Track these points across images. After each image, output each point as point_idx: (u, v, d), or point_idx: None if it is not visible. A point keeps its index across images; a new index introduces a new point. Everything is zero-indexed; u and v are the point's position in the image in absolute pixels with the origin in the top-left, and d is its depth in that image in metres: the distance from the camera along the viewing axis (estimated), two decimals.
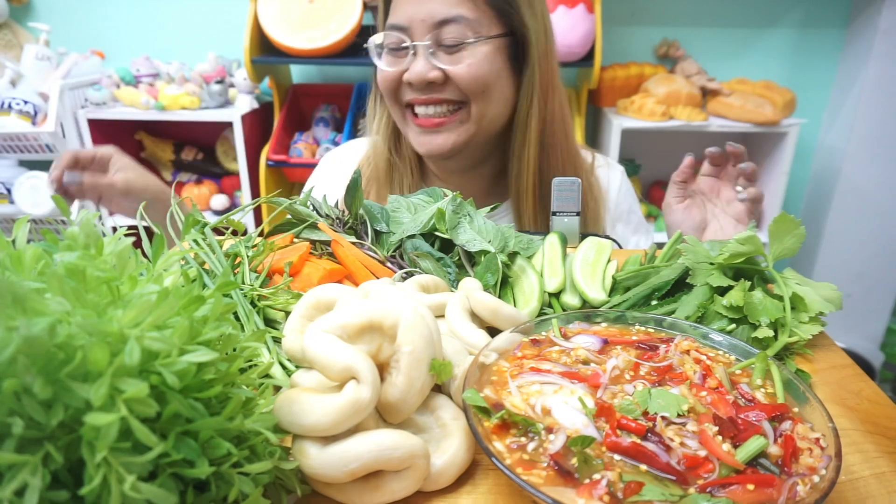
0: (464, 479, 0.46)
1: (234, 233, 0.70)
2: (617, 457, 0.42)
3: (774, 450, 0.42)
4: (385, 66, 0.96)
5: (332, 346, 0.43)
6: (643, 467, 0.41)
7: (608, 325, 0.59)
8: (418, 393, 0.44)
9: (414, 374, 0.44)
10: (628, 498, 0.38)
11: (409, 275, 0.72)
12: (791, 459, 0.42)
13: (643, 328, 0.59)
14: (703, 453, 0.42)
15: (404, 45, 0.93)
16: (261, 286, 0.62)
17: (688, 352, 0.54)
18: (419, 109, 0.97)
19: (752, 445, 0.42)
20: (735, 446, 0.42)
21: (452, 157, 1.00)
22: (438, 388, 0.51)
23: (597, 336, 0.56)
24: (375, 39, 0.97)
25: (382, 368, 0.46)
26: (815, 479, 0.40)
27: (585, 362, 0.52)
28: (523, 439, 0.43)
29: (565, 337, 0.56)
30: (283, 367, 0.54)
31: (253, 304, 0.59)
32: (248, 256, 0.64)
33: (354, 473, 0.41)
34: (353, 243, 0.74)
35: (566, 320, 0.59)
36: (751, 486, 0.39)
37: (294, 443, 0.43)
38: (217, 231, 0.69)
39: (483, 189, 1.10)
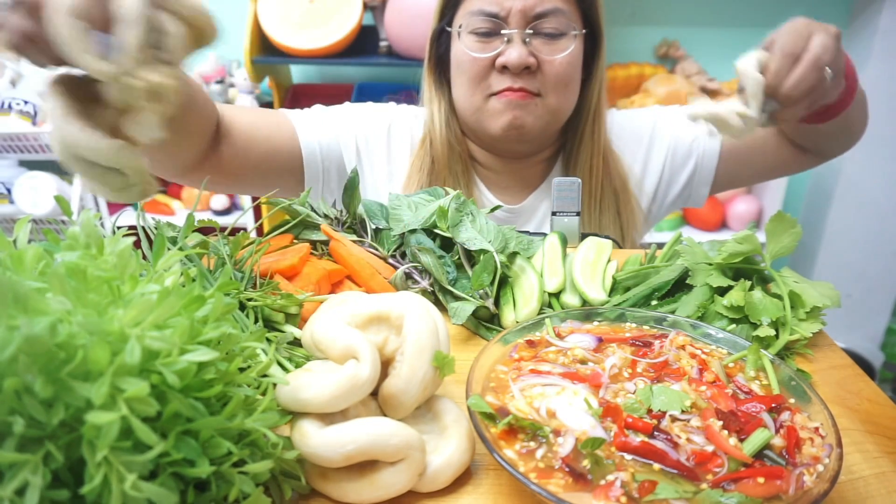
0: (465, 478, 0.46)
1: (234, 232, 0.70)
2: (627, 456, 0.42)
3: (778, 441, 0.43)
4: (472, 51, 0.95)
5: (335, 328, 0.45)
6: (654, 466, 0.41)
7: (599, 323, 0.59)
8: (420, 383, 0.45)
9: (417, 364, 0.44)
10: (644, 497, 0.38)
11: (411, 272, 0.72)
12: (795, 450, 0.42)
13: (636, 325, 0.59)
14: (710, 448, 0.42)
15: (503, 31, 0.93)
16: (251, 287, 0.62)
17: (683, 347, 0.54)
18: (511, 89, 0.95)
19: (758, 438, 0.42)
20: (740, 439, 0.43)
21: (522, 139, 1.00)
22: (442, 392, 0.51)
23: (590, 334, 0.56)
24: (458, 21, 0.97)
25: (388, 363, 0.47)
26: (820, 468, 0.41)
27: (583, 362, 0.53)
28: (532, 444, 0.43)
29: (559, 336, 0.56)
30: (282, 367, 0.54)
31: (242, 306, 0.59)
32: (228, 256, 0.64)
33: (350, 457, 0.41)
34: (354, 241, 0.74)
35: (559, 319, 0.59)
36: (761, 479, 0.39)
37: (293, 425, 0.43)
38: (211, 230, 0.69)
39: (529, 177, 1.09)
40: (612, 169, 1.06)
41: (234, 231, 0.68)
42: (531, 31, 0.93)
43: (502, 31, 0.93)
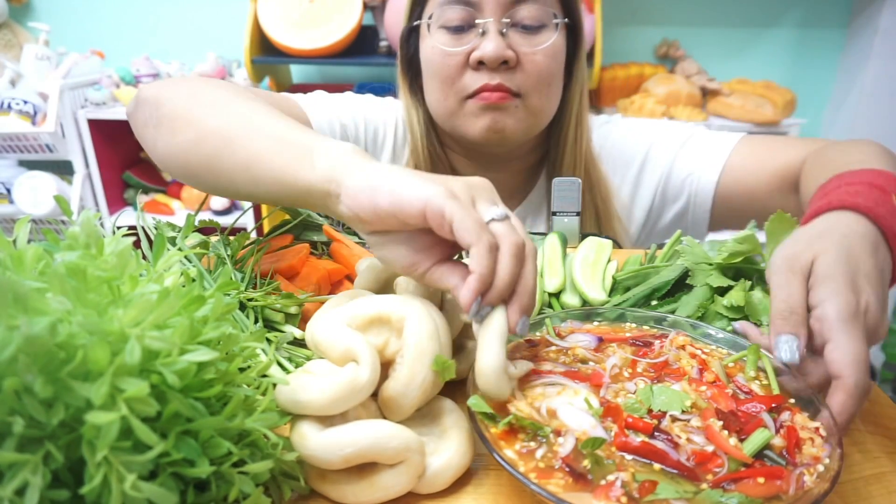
0: (466, 478, 0.46)
1: (234, 233, 0.70)
2: (628, 456, 0.42)
3: (778, 441, 0.43)
4: (444, 46, 0.87)
5: (335, 329, 0.45)
6: (654, 466, 0.41)
7: (599, 323, 0.59)
8: (420, 387, 0.44)
9: (416, 367, 0.44)
10: (644, 497, 0.38)
11: None
12: (795, 450, 0.42)
13: (636, 325, 0.59)
14: (710, 448, 0.42)
15: (477, 21, 0.85)
16: (252, 287, 0.62)
17: (683, 347, 0.54)
18: (487, 88, 0.87)
19: (758, 438, 0.42)
20: (740, 439, 0.43)
21: (504, 143, 0.94)
22: (442, 394, 0.51)
23: (591, 334, 0.56)
24: (428, 13, 0.89)
25: (388, 365, 0.47)
26: (820, 468, 0.41)
27: (584, 361, 0.52)
28: (532, 444, 0.43)
29: (559, 336, 0.56)
30: (282, 367, 0.54)
31: (242, 306, 0.59)
32: (228, 256, 0.64)
33: (349, 460, 0.41)
34: (357, 243, 0.74)
35: (559, 319, 0.59)
36: (761, 480, 0.39)
37: (292, 427, 0.43)
38: (211, 230, 0.69)
39: (514, 187, 1.05)
40: (594, 180, 1.00)
41: (234, 231, 0.69)
42: (508, 21, 0.86)
43: (476, 22, 0.86)
